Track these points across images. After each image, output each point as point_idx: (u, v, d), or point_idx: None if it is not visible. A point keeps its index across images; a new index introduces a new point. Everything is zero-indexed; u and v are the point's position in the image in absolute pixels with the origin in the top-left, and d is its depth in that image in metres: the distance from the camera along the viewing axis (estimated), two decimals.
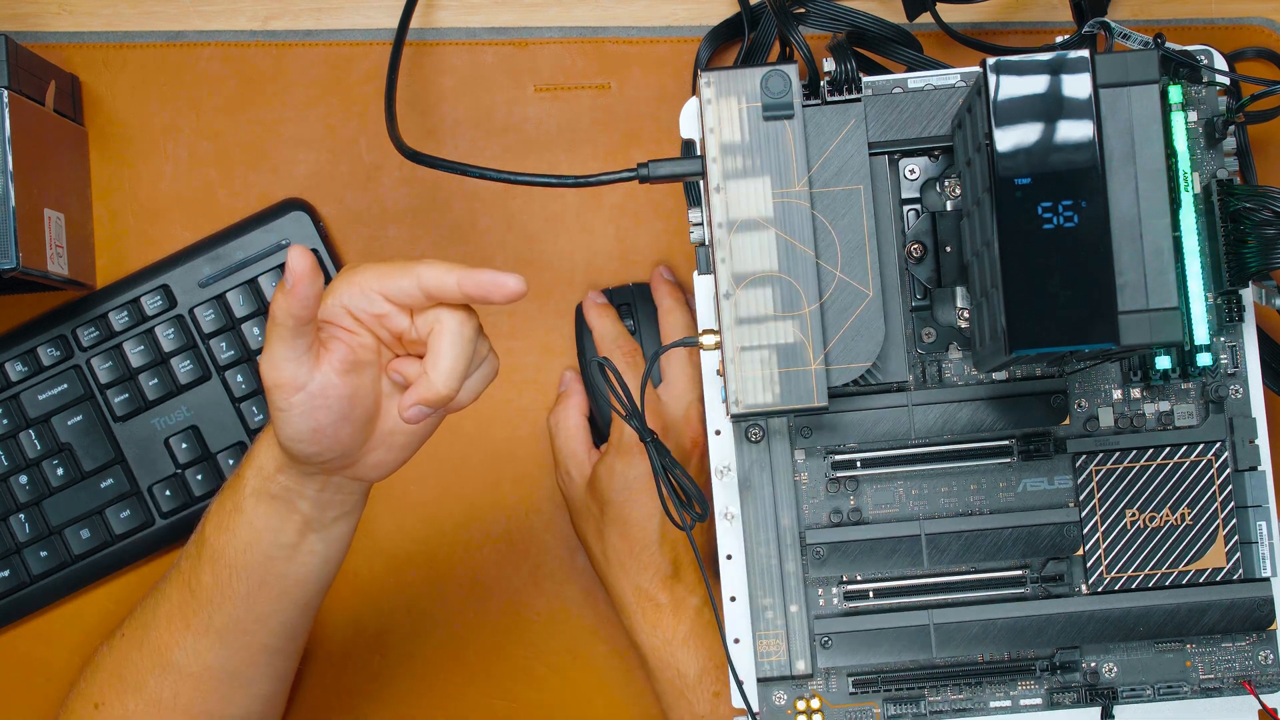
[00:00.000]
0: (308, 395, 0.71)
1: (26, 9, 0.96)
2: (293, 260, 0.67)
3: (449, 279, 0.70)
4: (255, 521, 0.77)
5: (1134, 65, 0.68)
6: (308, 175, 0.96)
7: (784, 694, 0.79)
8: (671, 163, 0.78)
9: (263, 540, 0.77)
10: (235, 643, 0.80)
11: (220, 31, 0.96)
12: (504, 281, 0.70)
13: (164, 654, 0.81)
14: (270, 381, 0.70)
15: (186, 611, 0.80)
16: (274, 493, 0.76)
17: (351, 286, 0.71)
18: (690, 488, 0.79)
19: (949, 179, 0.79)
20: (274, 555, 0.78)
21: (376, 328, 0.72)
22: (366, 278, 0.71)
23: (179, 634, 0.81)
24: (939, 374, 0.80)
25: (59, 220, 0.91)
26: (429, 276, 0.70)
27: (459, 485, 0.95)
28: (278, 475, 0.75)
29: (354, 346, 0.72)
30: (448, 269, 0.70)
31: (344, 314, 0.72)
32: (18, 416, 0.93)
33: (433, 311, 0.72)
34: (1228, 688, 0.79)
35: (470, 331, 0.72)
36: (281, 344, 0.69)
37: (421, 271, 0.70)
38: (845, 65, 0.77)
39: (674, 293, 0.93)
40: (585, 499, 0.91)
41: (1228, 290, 0.77)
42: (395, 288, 0.71)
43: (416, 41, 0.96)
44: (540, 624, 0.95)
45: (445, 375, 0.71)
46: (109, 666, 0.84)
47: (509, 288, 0.70)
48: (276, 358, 0.70)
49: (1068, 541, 0.79)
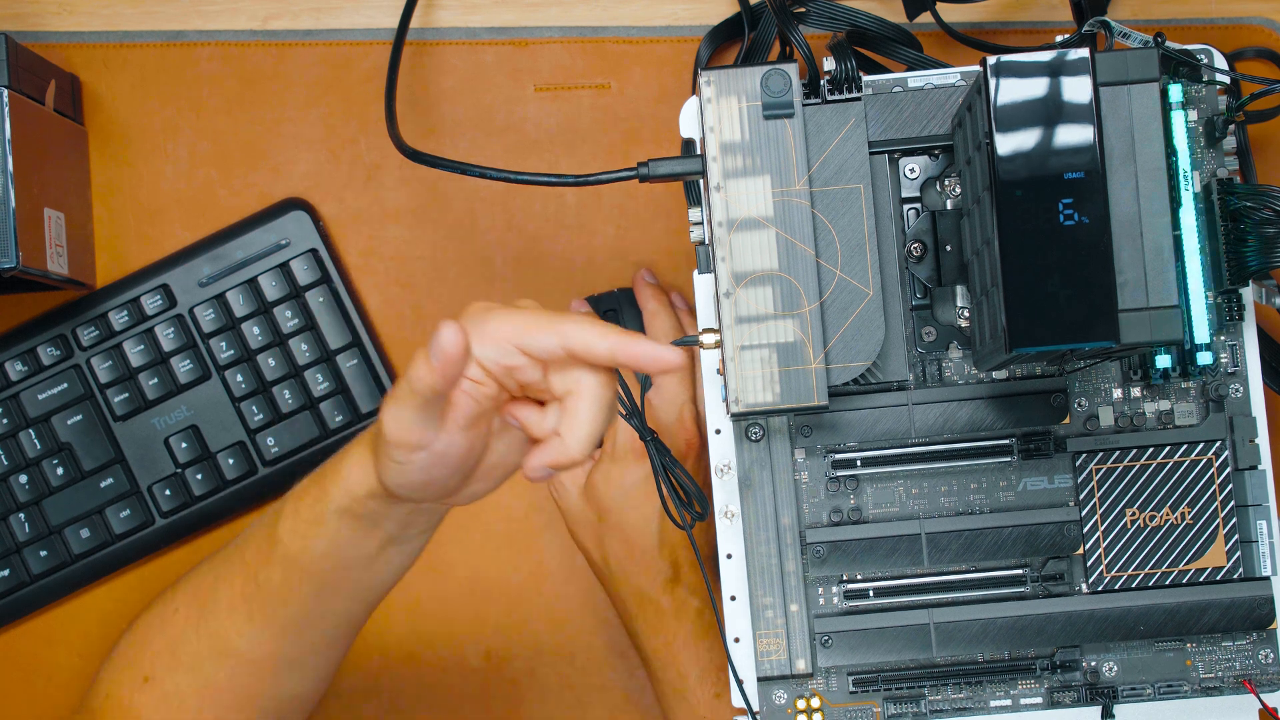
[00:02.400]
0: (430, 454, 0.68)
1: (26, 9, 0.96)
2: (445, 342, 0.63)
3: (600, 345, 0.66)
4: (337, 536, 0.75)
5: (1134, 64, 0.68)
6: (308, 175, 0.96)
7: (784, 693, 0.79)
8: (671, 161, 0.78)
9: (342, 552, 0.75)
10: (298, 636, 0.79)
11: (220, 31, 0.96)
12: (663, 356, 0.66)
13: (223, 639, 0.79)
14: (393, 438, 0.67)
15: (251, 603, 0.78)
16: (360, 513, 0.73)
17: (486, 339, 0.67)
18: (690, 487, 0.80)
19: (949, 178, 0.79)
20: (351, 565, 0.76)
21: (505, 379, 0.68)
22: (504, 330, 0.67)
23: (241, 623, 0.79)
24: (939, 373, 0.80)
25: (59, 220, 0.91)
26: (576, 339, 0.66)
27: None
28: (368, 500, 0.73)
29: (478, 399, 0.68)
30: (599, 334, 0.66)
31: (474, 367, 0.67)
32: (18, 416, 0.93)
33: (574, 371, 0.68)
34: (1228, 687, 0.79)
35: (612, 396, 0.68)
36: (414, 409, 0.66)
37: (568, 332, 0.66)
38: (845, 64, 0.77)
39: (658, 296, 0.92)
40: (582, 506, 0.90)
41: (1228, 289, 0.77)
42: (536, 345, 0.67)
43: (416, 41, 0.96)
44: (540, 624, 0.95)
45: (582, 441, 0.68)
46: (161, 642, 0.82)
47: (667, 360, 0.66)
48: (406, 420, 0.66)
49: (1068, 541, 0.79)
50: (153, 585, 0.94)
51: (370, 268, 0.95)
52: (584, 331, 0.66)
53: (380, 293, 0.95)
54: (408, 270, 0.95)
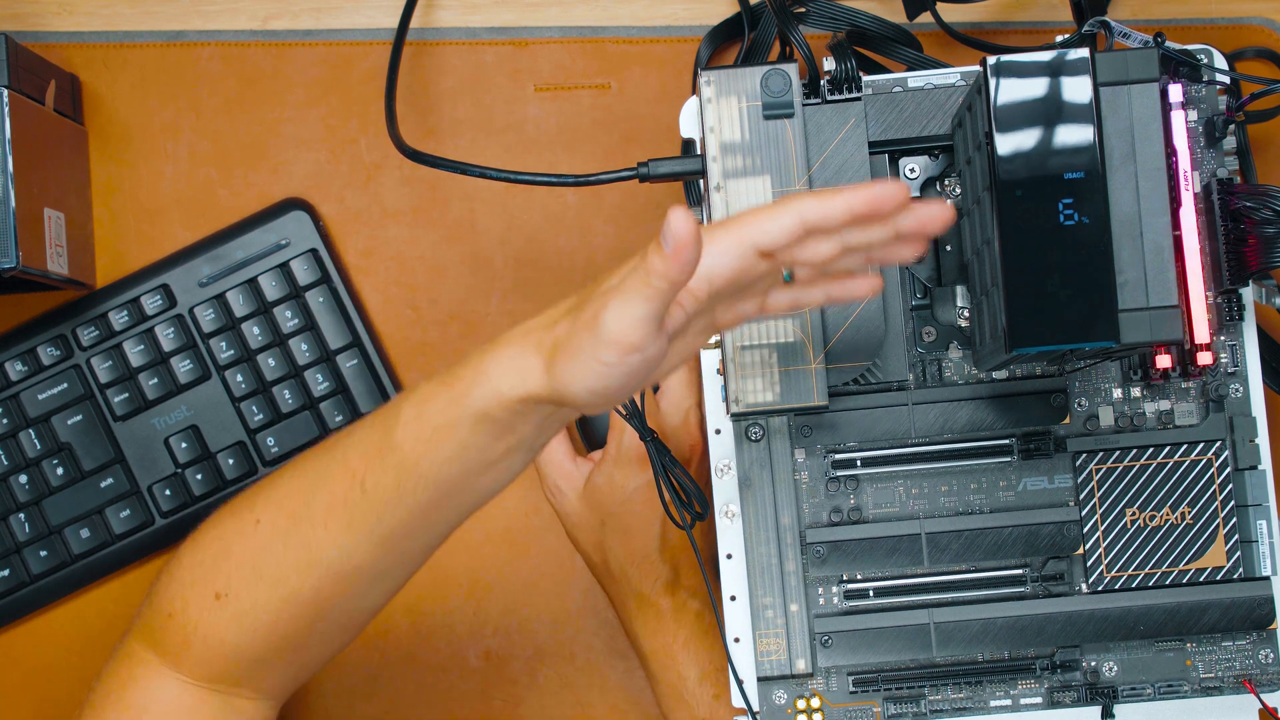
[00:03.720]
0: (643, 360, 0.64)
1: (26, 9, 0.96)
2: (676, 225, 0.60)
3: (836, 203, 0.63)
4: (468, 440, 0.70)
5: (1134, 64, 0.68)
6: (308, 175, 0.96)
7: (784, 693, 0.79)
8: (671, 161, 0.78)
9: (468, 457, 0.71)
10: (396, 547, 0.75)
11: (220, 31, 0.96)
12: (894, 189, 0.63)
13: (314, 550, 0.75)
14: (614, 336, 0.63)
15: (353, 512, 0.74)
16: (501, 418, 0.69)
17: (716, 240, 0.64)
18: (690, 487, 0.80)
19: (949, 178, 0.79)
20: (472, 471, 0.72)
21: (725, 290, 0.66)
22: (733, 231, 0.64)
23: (338, 533, 0.74)
24: (939, 373, 0.80)
25: (59, 220, 0.91)
26: (811, 208, 0.63)
27: None
28: (518, 404, 0.68)
29: (689, 310, 0.65)
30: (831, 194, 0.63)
31: (704, 282, 0.64)
32: (18, 416, 0.93)
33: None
34: (1228, 687, 0.79)
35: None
36: (646, 304, 0.62)
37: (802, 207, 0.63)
38: (845, 64, 0.77)
39: None
40: (581, 510, 0.90)
41: (1228, 289, 0.77)
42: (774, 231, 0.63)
43: (416, 41, 0.96)
44: (540, 624, 0.95)
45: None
46: (239, 555, 0.77)
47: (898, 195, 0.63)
48: (634, 316, 0.63)
49: (1068, 540, 0.79)
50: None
51: (370, 268, 0.95)
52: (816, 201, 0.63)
53: (380, 293, 0.95)
54: (408, 270, 0.95)
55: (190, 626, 0.78)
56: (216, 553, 0.78)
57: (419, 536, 0.75)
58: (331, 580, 0.75)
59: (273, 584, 0.76)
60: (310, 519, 0.75)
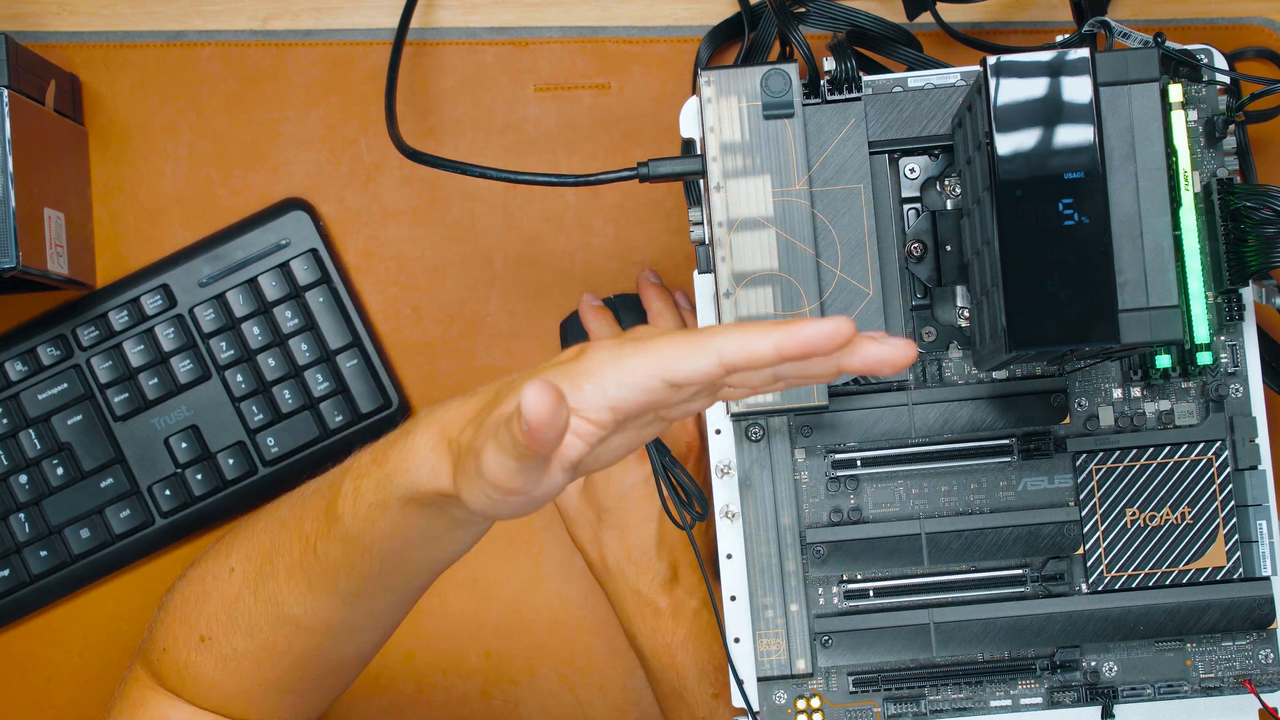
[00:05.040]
0: (527, 499, 0.60)
1: (26, 9, 0.96)
2: (527, 409, 0.54)
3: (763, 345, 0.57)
4: (401, 521, 0.68)
5: (1134, 63, 0.68)
6: (308, 175, 0.96)
7: (784, 693, 0.79)
8: (671, 161, 0.78)
9: (408, 533, 0.69)
10: (359, 605, 0.75)
11: (220, 31, 0.96)
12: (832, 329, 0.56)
13: (282, 607, 0.75)
14: (492, 480, 0.59)
15: (310, 574, 0.74)
16: (430, 501, 0.67)
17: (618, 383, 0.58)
18: (690, 486, 0.80)
19: (949, 178, 0.79)
20: (417, 545, 0.70)
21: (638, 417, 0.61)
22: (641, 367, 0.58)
23: (300, 592, 0.74)
24: (939, 373, 0.80)
25: (59, 220, 0.91)
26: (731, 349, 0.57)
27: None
28: (436, 497, 0.66)
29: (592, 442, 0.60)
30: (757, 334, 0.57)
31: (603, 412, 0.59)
32: (18, 416, 0.93)
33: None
34: (1228, 687, 0.79)
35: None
36: (518, 460, 0.58)
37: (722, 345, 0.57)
38: (845, 64, 0.77)
39: (663, 295, 0.92)
40: (580, 506, 0.90)
41: (1228, 289, 0.77)
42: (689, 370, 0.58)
43: (416, 41, 0.96)
44: (540, 624, 0.95)
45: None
46: (218, 602, 0.78)
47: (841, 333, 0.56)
48: (508, 467, 0.58)
49: (1068, 540, 0.79)
50: (153, 585, 0.94)
51: (370, 268, 0.95)
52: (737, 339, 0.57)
53: (380, 293, 0.95)
54: (408, 270, 0.95)
55: (182, 664, 0.79)
56: (198, 595, 0.79)
57: (381, 597, 0.75)
58: (303, 634, 0.76)
59: (248, 633, 0.77)
60: (274, 576, 0.75)
